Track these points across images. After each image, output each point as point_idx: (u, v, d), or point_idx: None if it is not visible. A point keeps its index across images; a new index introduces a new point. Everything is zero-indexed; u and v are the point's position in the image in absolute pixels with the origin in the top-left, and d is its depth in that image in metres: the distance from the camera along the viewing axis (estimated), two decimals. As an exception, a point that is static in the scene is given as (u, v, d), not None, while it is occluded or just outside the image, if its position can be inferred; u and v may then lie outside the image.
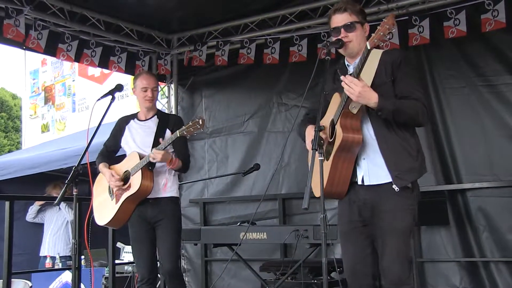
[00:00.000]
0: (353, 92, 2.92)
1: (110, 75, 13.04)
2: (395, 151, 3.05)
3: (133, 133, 4.62)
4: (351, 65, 3.25)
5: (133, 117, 4.71)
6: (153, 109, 4.66)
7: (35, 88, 16.46)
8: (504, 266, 5.23)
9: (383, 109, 2.96)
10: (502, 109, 5.32)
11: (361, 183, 3.12)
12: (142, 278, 4.48)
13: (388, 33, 2.79)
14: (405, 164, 3.05)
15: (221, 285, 6.76)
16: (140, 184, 4.33)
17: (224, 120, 7.05)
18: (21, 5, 5.54)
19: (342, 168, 3.09)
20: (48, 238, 8.26)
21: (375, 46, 2.84)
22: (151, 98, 4.55)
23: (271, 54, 6.33)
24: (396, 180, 3.02)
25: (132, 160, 4.50)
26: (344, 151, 3.05)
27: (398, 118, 3.02)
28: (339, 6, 3.22)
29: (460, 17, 5.31)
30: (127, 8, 6.30)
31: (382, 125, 3.06)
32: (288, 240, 4.55)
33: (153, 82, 4.59)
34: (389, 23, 2.77)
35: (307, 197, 2.81)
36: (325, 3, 5.97)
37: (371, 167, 3.10)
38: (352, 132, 3.02)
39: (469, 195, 5.44)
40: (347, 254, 3.22)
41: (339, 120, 3.03)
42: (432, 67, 5.67)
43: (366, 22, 3.26)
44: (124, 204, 4.44)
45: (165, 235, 4.43)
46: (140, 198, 4.43)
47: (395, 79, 3.09)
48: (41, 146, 10.85)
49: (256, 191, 6.65)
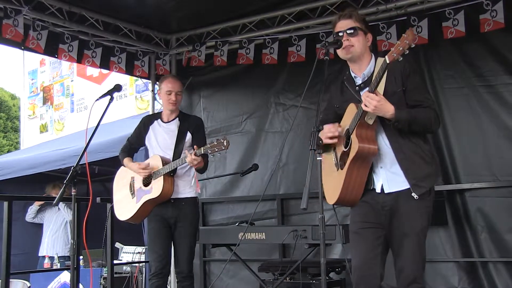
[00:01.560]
0: (369, 106, 2.99)
1: (108, 75, 13.02)
2: (411, 159, 3.14)
3: (156, 134, 4.80)
4: (358, 76, 3.33)
5: (157, 118, 4.90)
6: (175, 111, 4.83)
7: (34, 88, 16.43)
8: (503, 266, 5.22)
9: (400, 120, 3.04)
10: (501, 109, 5.32)
11: (379, 191, 3.20)
12: (154, 271, 4.59)
13: (408, 48, 2.82)
14: (422, 171, 3.14)
15: (220, 285, 6.75)
16: (161, 190, 4.52)
17: (222, 120, 7.05)
18: (19, 5, 5.53)
19: (357, 177, 3.16)
20: (47, 238, 8.27)
21: (394, 60, 2.87)
22: (174, 102, 4.75)
23: (269, 54, 6.33)
24: (415, 188, 3.10)
25: (154, 162, 4.66)
26: (359, 161, 3.12)
27: (413, 128, 3.11)
28: (344, 13, 3.34)
29: (459, 18, 5.30)
30: (125, 8, 6.30)
31: (396, 134, 3.14)
32: (286, 240, 4.56)
33: (178, 86, 4.80)
34: (409, 39, 2.80)
35: (305, 198, 2.84)
36: (323, 3, 5.97)
37: (390, 175, 3.18)
38: (368, 143, 3.09)
39: (468, 195, 5.44)
40: (358, 253, 3.25)
41: (355, 131, 3.09)
42: (430, 68, 5.67)
43: (370, 32, 3.35)
44: (144, 205, 4.64)
45: (183, 237, 4.62)
46: (160, 202, 4.62)
47: (406, 88, 3.17)
48: (40, 146, 10.85)
49: (254, 191, 6.65)
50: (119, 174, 4.99)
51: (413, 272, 3.10)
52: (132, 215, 4.71)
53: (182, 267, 4.59)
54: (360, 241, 3.24)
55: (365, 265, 3.18)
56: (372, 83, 3.02)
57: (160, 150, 4.71)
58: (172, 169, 4.52)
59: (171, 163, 4.53)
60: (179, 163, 4.49)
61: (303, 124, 6.28)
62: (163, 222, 4.63)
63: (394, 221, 3.15)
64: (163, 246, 4.61)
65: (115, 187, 4.99)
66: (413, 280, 3.09)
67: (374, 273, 3.17)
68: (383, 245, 3.21)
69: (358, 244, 3.26)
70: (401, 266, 3.13)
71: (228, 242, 5.08)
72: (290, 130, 6.33)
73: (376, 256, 3.18)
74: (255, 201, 6.43)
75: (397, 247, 3.15)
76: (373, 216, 3.21)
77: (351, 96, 3.29)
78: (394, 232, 3.15)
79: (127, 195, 4.80)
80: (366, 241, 3.21)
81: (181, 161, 4.47)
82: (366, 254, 3.19)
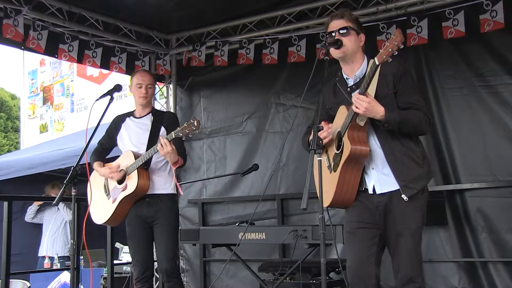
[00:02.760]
0: (359, 107, 3.00)
1: (108, 75, 13.03)
2: (402, 161, 3.15)
3: (129, 130, 4.65)
4: (350, 78, 3.34)
5: (129, 115, 4.74)
6: (148, 106, 4.69)
7: (34, 89, 16.44)
8: (503, 267, 5.22)
9: (389, 121, 3.05)
10: (501, 109, 5.32)
11: (371, 192, 3.21)
12: (136, 277, 4.51)
13: (397, 49, 2.84)
14: (412, 173, 3.15)
15: (220, 286, 6.75)
16: (137, 184, 4.36)
17: (222, 121, 7.05)
18: (19, 5, 5.53)
19: (350, 179, 3.18)
20: (47, 238, 8.27)
21: (383, 61, 2.89)
22: (145, 95, 4.59)
23: (270, 55, 6.33)
24: (404, 190, 3.11)
25: (127, 159, 4.52)
26: (351, 163, 3.13)
27: (403, 129, 3.11)
28: (336, 13, 3.38)
29: (459, 18, 5.30)
30: (125, 8, 6.29)
31: (387, 135, 3.16)
32: (286, 240, 4.54)
33: (148, 79, 4.62)
34: (397, 40, 2.83)
35: (305, 198, 2.84)
36: (323, 3, 5.97)
37: (381, 176, 3.19)
38: (360, 144, 3.11)
39: (468, 195, 5.44)
40: (353, 253, 3.26)
41: (347, 133, 3.11)
42: (430, 68, 5.67)
43: (362, 32, 3.35)
44: (121, 203, 4.46)
45: (162, 233, 4.46)
46: (137, 197, 4.46)
47: (397, 90, 3.18)
48: (40, 146, 10.85)
49: (254, 191, 6.65)
50: (93, 177, 4.70)
51: (410, 271, 3.10)
52: (109, 217, 4.52)
53: (162, 266, 4.43)
54: (355, 241, 3.25)
55: (360, 265, 3.19)
56: (363, 85, 3.03)
57: (132, 146, 4.55)
58: (146, 161, 4.34)
59: (143, 155, 4.36)
60: (151, 152, 4.31)
61: (303, 124, 6.24)
62: (141, 223, 4.49)
63: (389, 221, 3.16)
64: (141, 249, 4.50)
65: (89, 191, 4.65)
66: (410, 279, 3.10)
67: (369, 272, 3.17)
68: (378, 245, 3.22)
69: (353, 244, 3.27)
70: (397, 266, 3.15)
71: (228, 242, 5.06)
72: (290, 130, 6.32)
73: (371, 255, 3.19)
74: (255, 201, 6.43)
75: (393, 247, 3.17)
76: (367, 216, 3.21)
77: (343, 98, 3.30)
78: (389, 232, 3.16)
79: (102, 197, 4.61)
80: (361, 241, 3.22)
81: (153, 150, 4.29)
82: (361, 254, 3.20)
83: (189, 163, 7.01)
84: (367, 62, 3.30)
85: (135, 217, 4.52)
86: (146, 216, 4.49)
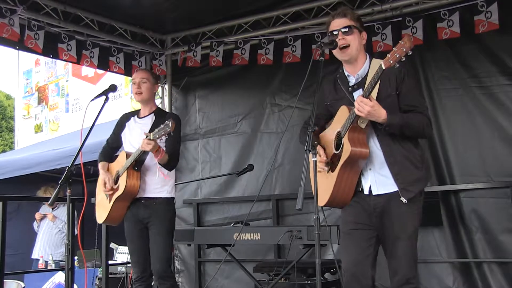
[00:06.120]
0: (362, 111, 2.98)
1: (103, 75, 13.01)
2: (401, 163, 3.14)
3: (131, 130, 4.66)
4: (351, 75, 3.32)
5: (134, 114, 4.76)
6: (149, 105, 4.68)
7: (28, 89, 16.40)
8: (497, 267, 5.23)
9: (391, 125, 3.05)
10: (495, 110, 5.33)
11: (367, 192, 3.20)
12: (135, 277, 4.54)
13: (405, 55, 2.80)
14: (411, 175, 3.15)
15: (215, 286, 6.75)
16: (125, 185, 4.37)
17: (217, 121, 7.04)
18: (14, 5, 5.51)
19: (348, 180, 3.17)
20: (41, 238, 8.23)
21: (389, 67, 2.86)
22: (138, 90, 4.57)
23: (265, 55, 6.33)
24: (403, 193, 3.11)
25: (121, 159, 4.54)
26: (350, 164, 3.13)
27: (405, 133, 3.11)
28: (338, 11, 3.32)
29: (454, 19, 5.32)
30: (121, 8, 6.29)
31: (388, 138, 3.15)
32: (281, 241, 4.55)
33: (141, 74, 4.62)
34: (406, 46, 2.78)
35: (300, 198, 2.83)
36: (319, 4, 5.97)
37: (378, 177, 3.18)
38: (360, 146, 3.10)
39: (462, 196, 5.45)
40: (349, 254, 3.25)
41: (347, 134, 3.09)
42: (425, 68, 5.68)
43: (364, 31, 3.33)
44: (116, 204, 4.49)
45: (156, 237, 4.47)
46: (130, 197, 4.47)
47: (400, 92, 3.16)
48: (35, 146, 10.83)
49: (249, 191, 6.64)
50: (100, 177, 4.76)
51: (406, 273, 3.10)
52: (106, 216, 4.55)
53: (155, 267, 4.44)
54: (351, 242, 3.25)
55: (357, 266, 3.18)
56: (367, 88, 3.01)
57: (131, 146, 4.55)
58: (135, 161, 4.33)
59: (131, 156, 4.36)
60: (136, 153, 4.30)
61: (299, 125, 6.19)
62: (138, 223, 4.51)
63: (386, 223, 3.15)
64: (140, 249, 4.51)
65: (97, 190, 4.77)
66: (406, 281, 3.10)
67: (365, 274, 3.17)
68: (374, 246, 3.21)
69: (349, 245, 3.26)
70: (394, 268, 3.14)
71: (223, 242, 5.06)
72: (285, 131, 6.32)
73: (367, 257, 3.19)
74: (250, 201, 6.42)
75: (390, 249, 3.16)
76: (364, 217, 3.21)
77: (343, 95, 3.29)
78: (387, 234, 3.16)
79: (104, 197, 4.65)
80: (357, 242, 3.21)
81: (137, 150, 4.28)
82: (357, 255, 3.19)
83: (184, 163, 7.02)
84: (369, 61, 3.28)
85: (132, 217, 4.54)
86: (142, 217, 4.51)
